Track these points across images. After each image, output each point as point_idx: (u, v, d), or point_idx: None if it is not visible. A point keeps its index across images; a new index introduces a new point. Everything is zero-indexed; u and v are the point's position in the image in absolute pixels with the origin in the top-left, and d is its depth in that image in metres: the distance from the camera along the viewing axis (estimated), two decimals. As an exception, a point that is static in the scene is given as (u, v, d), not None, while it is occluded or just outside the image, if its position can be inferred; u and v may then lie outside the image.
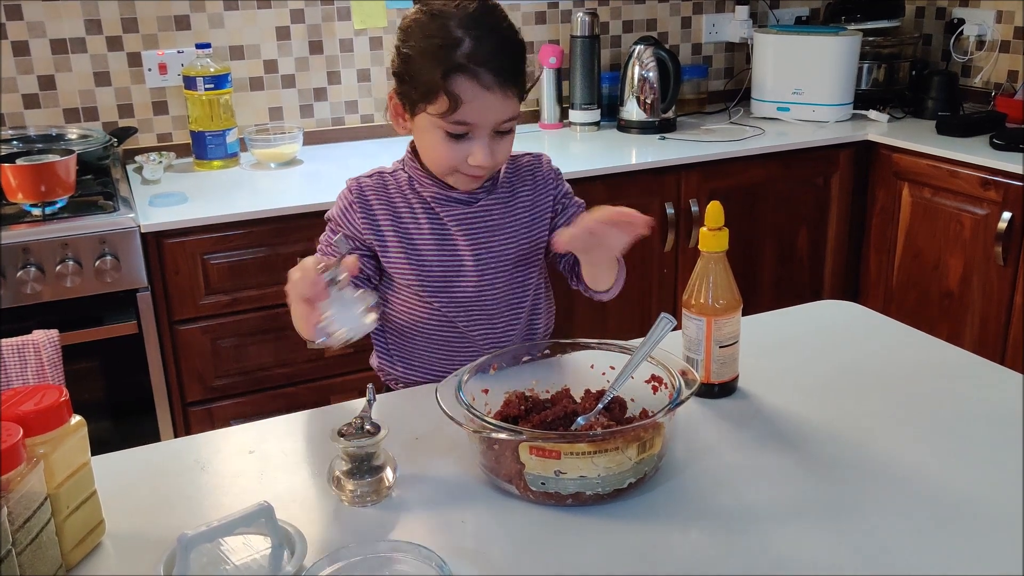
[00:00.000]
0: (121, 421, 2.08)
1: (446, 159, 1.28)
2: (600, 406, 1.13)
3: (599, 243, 1.18)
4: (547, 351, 1.26)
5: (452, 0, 1.24)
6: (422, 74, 1.22)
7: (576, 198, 1.45)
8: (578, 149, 2.68)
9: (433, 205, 1.35)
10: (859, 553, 0.94)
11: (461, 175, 1.30)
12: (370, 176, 1.39)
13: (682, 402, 1.06)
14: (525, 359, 1.24)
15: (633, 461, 1.02)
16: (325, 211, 2.11)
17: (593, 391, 1.18)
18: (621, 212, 1.14)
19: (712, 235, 1.24)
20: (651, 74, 2.75)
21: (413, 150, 1.36)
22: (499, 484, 1.06)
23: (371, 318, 1.13)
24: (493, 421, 1.04)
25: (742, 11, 3.10)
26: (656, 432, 1.04)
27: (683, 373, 1.12)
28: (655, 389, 1.16)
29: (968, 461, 1.11)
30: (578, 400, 1.17)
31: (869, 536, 0.97)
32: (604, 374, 1.22)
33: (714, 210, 1.24)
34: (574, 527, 1.00)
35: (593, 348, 1.24)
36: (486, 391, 1.16)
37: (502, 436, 1.02)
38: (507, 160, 1.36)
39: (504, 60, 1.23)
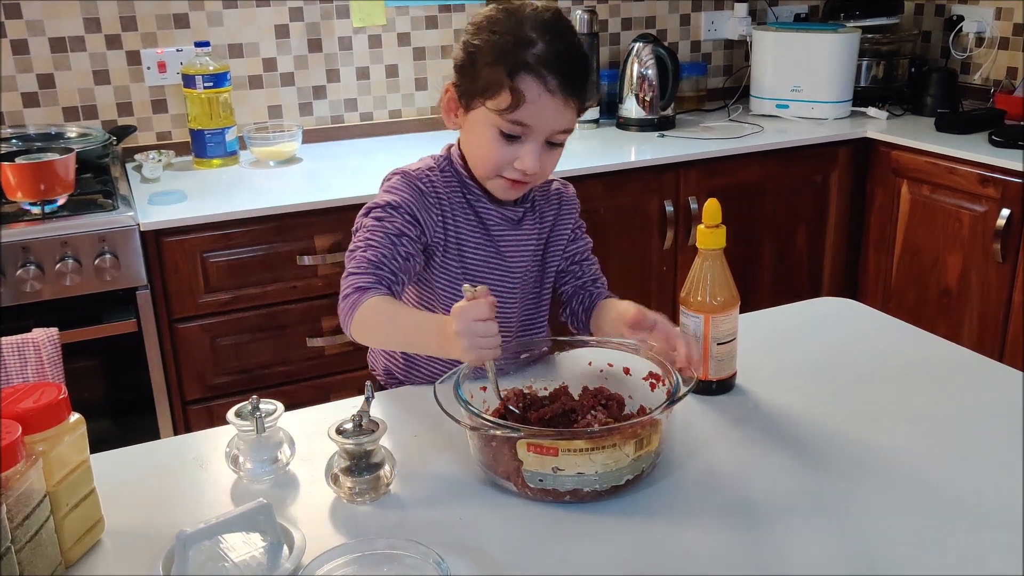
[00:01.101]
0: (121, 419, 2.08)
1: (494, 159, 1.26)
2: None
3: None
4: (545, 348, 1.26)
5: (526, 3, 1.25)
6: (489, 68, 1.21)
7: (586, 234, 1.45)
8: (577, 147, 2.68)
9: (484, 219, 1.33)
10: (856, 550, 0.94)
11: (503, 180, 1.28)
12: (429, 170, 1.33)
13: (679, 399, 1.06)
14: (524, 356, 1.24)
15: (631, 458, 1.02)
16: (323, 209, 2.13)
17: (591, 388, 1.18)
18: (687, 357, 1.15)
19: (709, 232, 1.24)
20: (650, 71, 2.75)
21: (461, 155, 1.33)
22: (497, 481, 1.06)
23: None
24: (491, 418, 1.05)
25: (741, 8, 3.10)
26: (653, 429, 1.04)
27: (680, 371, 1.12)
28: (653, 386, 1.17)
29: (966, 458, 1.11)
30: (576, 397, 1.17)
31: (866, 533, 0.97)
32: (602, 371, 1.22)
33: (711, 207, 1.24)
34: (572, 524, 1.00)
35: (592, 346, 1.25)
36: (484, 388, 1.17)
37: (499, 433, 1.02)
38: (544, 179, 1.34)
39: (572, 68, 1.22)
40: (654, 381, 1.17)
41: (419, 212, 1.28)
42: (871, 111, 2.88)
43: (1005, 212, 2.37)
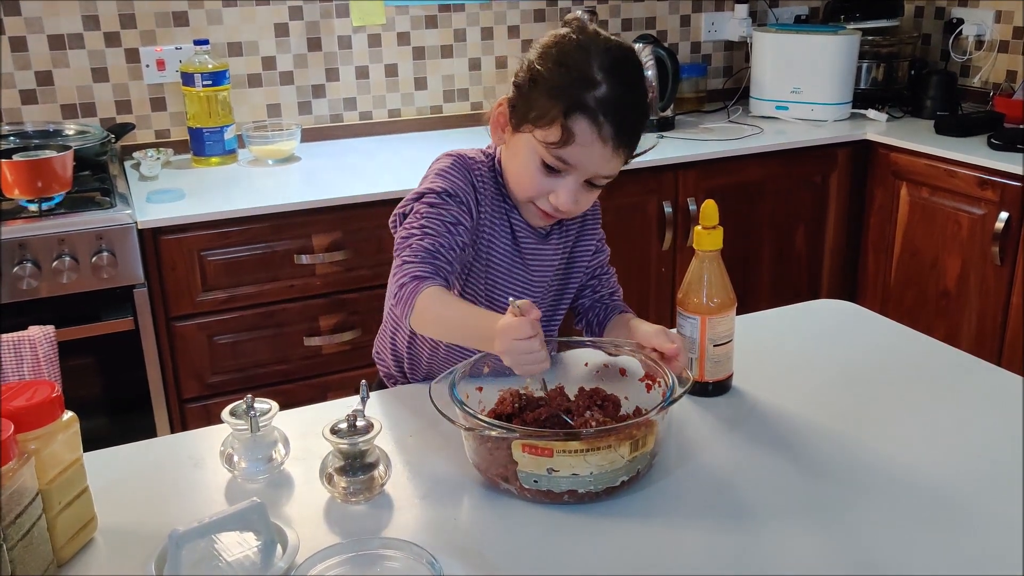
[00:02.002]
0: (117, 418, 2.08)
1: (530, 187, 1.24)
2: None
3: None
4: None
5: (601, 35, 1.21)
6: (546, 98, 1.18)
7: (605, 244, 1.44)
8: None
9: (516, 231, 1.32)
10: (852, 552, 0.94)
11: (535, 209, 1.27)
12: (480, 162, 1.30)
13: (675, 400, 1.06)
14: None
15: (626, 459, 1.02)
16: (321, 208, 2.13)
17: (587, 389, 1.18)
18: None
19: (707, 234, 1.24)
20: (650, 72, 2.75)
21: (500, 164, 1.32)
22: (492, 482, 1.06)
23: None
24: (486, 419, 1.05)
25: (741, 9, 3.10)
26: (649, 430, 1.04)
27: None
28: (648, 388, 1.17)
29: (963, 462, 1.11)
30: (571, 398, 1.17)
31: (862, 535, 0.97)
32: (598, 372, 1.22)
33: (709, 209, 1.24)
34: (567, 525, 1.00)
35: (588, 346, 1.25)
36: (480, 389, 1.16)
37: (495, 434, 1.02)
38: (575, 215, 1.32)
39: (629, 118, 1.20)
40: (650, 382, 1.17)
41: (471, 202, 1.26)
42: (871, 113, 2.88)
43: (1004, 215, 2.37)
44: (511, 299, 1.08)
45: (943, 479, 1.07)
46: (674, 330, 1.23)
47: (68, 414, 0.94)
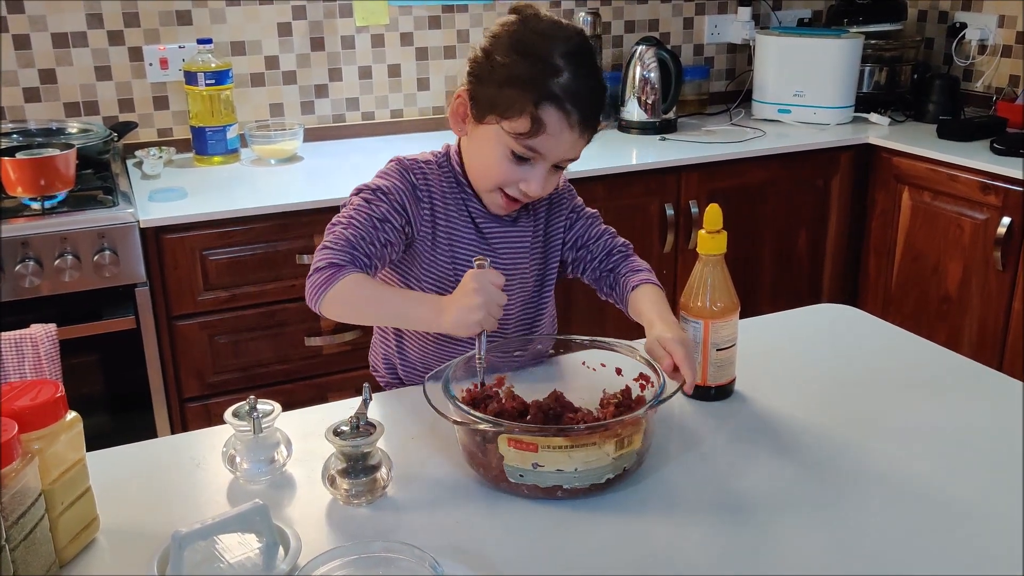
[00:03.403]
0: (118, 416, 2.08)
1: (498, 176, 1.25)
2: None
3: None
4: (540, 347, 1.26)
5: (553, 20, 1.23)
6: (512, 89, 1.19)
7: (587, 208, 1.43)
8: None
9: (476, 218, 1.33)
10: (853, 553, 0.94)
11: (502, 196, 1.28)
12: (425, 163, 1.33)
13: (664, 400, 1.06)
14: (517, 353, 1.25)
15: (611, 457, 1.02)
16: (323, 208, 2.13)
17: (608, 392, 1.18)
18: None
19: (710, 238, 1.24)
20: (652, 75, 2.75)
21: (459, 157, 1.33)
22: (485, 480, 1.07)
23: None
24: (477, 413, 1.05)
25: (744, 12, 3.10)
26: (636, 429, 1.04)
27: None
28: (643, 387, 1.16)
29: (964, 467, 1.11)
30: (569, 400, 1.16)
31: (863, 538, 0.97)
32: (594, 371, 1.22)
33: (712, 213, 1.24)
34: (569, 526, 1.00)
35: (586, 347, 1.24)
36: (476, 386, 1.17)
37: (483, 427, 1.03)
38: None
39: (594, 103, 1.22)
40: (644, 382, 1.16)
41: (408, 202, 1.28)
42: (873, 117, 2.87)
43: (1006, 220, 2.36)
44: (477, 257, 1.14)
45: (943, 483, 1.07)
46: (674, 334, 1.19)
47: (71, 414, 0.94)
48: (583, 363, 1.24)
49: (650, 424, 1.08)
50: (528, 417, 1.10)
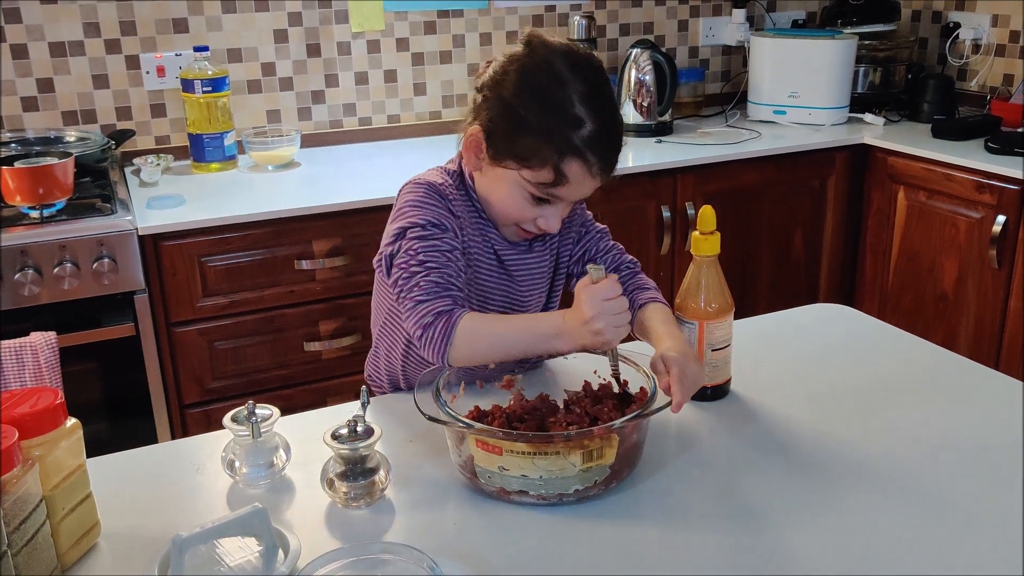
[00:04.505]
0: (118, 423, 2.08)
1: (515, 215, 1.25)
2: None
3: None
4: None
5: (567, 52, 1.19)
6: (533, 140, 1.17)
7: (597, 224, 1.42)
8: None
9: (496, 246, 1.31)
10: (849, 554, 0.95)
11: (518, 229, 1.28)
12: (449, 186, 1.27)
13: (634, 418, 1.04)
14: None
15: (578, 468, 1.02)
16: (321, 213, 2.14)
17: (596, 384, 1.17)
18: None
19: (704, 239, 1.25)
20: (648, 77, 2.76)
21: (471, 178, 1.29)
22: (464, 478, 1.08)
23: None
24: (455, 414, 1.05)
25: (739, 15, 3.12)
26: (606, 443, 1.03)
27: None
28: (640, 400, 1.15)
29: (961, 466, 1.12)
30: (559, 404, 1.16)
31: (859, 538, 0.98)
32: (596, 372, 1.22)
33: (706, 214, 1.25)
34: (568, 528, 1.01)
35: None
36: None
37: (448, 424, 1.04)
38: None
39: (616, 149, 1.21)
40: (641, 397, 1.15)
41: (454, 228, 1.25)
42: (868, 117, 2.89)
43: (1001, 218, 2.37)
44: (590, 265, 1.10)
45: (941, 483, 1.08)
46: (678, 352, 1.15)
47: (71, 421, 0.95)
48: (594, 372, 1.21)
49: (638, 436, 1.07)
50: (488, 418, 1.10)
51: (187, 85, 2.41)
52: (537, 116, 1.17)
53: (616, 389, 1.15)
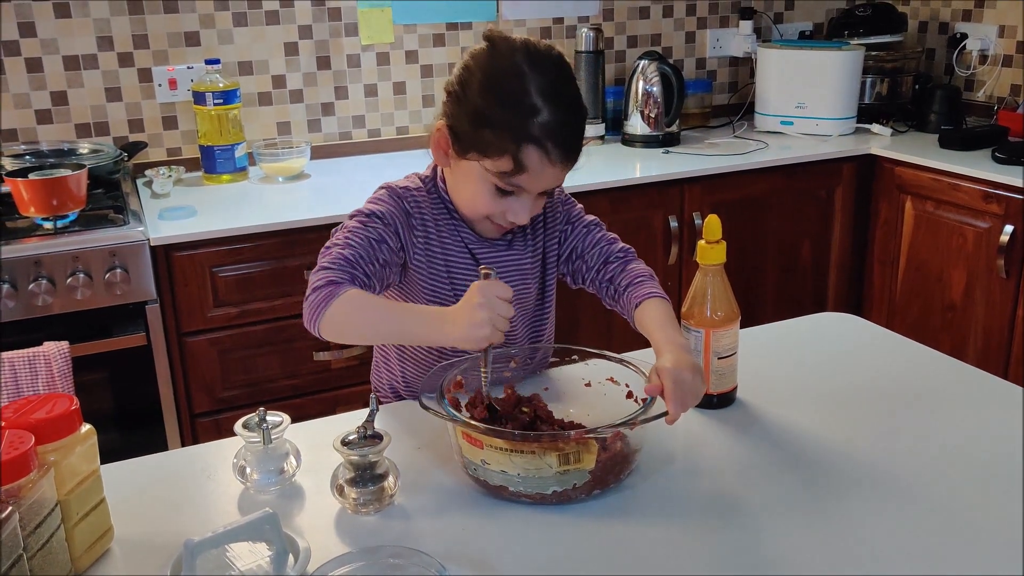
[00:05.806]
0: (130, 432, 2.10)
1: (483, 209, 1.27)
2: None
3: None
4: (540, 357, 1.28)
5: (528, 48, 1.22)
6: (491, 132, 1.19)
7: (586, 216, 1.42)
8: (582, 162, 2.68)
9: (470, 244, 1.33)
10: (855, 564, 0.95)
11: (491, 223, 1.30)
12: (416, 190, 1.33)
13: (614, 427, 1.05)
14: (511, 364, 1.27)
15: (555, 470, 1.03)
16: (331, 224, 2.14)
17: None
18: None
19: (710, 248, 1.26)
20: (655, 88, 2.78)
21: (444, 180, 1.33)
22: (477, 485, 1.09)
23: None
24: (449, 408, 1.08)
25: (746, 26, 3.13)
26: (584, 448, 1.04)
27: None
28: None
29: (968, 475, 1.12)
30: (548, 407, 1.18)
31: (866, 548, 0.98)
32: (588, 384, 1.24)
33: (712, 223, 1.26)
34: (572, 532, 1.01)
35: (588, 358, 1.25)
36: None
37: (437, 415, 1.07)
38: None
39: (575, 137, 1.22)
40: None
41: (401, 228, 1.29)
42: (875, 128, 2.89)
43: (1008, 228, 2.38)
44: (482, 268, 1.13)
45: (947, 492, 1.08)
46: (673, 364, 1.13)
47: (86, 427, 0.96)
48: (597, 381, 1.22)
49: (622, 445, 1.08)
50: (464, 409, 1.12)
51: (198, 98, 2.43)
52: (496, 108, 1.20)
53: (484, 392, 1.16)
